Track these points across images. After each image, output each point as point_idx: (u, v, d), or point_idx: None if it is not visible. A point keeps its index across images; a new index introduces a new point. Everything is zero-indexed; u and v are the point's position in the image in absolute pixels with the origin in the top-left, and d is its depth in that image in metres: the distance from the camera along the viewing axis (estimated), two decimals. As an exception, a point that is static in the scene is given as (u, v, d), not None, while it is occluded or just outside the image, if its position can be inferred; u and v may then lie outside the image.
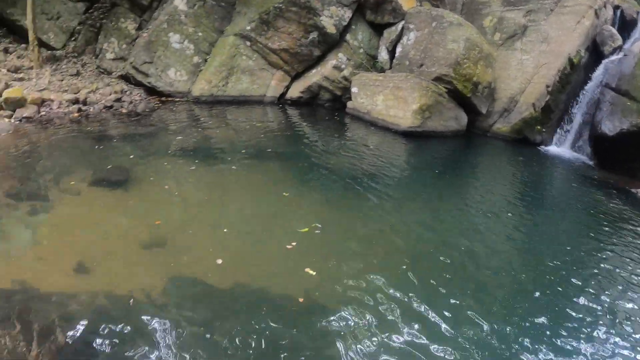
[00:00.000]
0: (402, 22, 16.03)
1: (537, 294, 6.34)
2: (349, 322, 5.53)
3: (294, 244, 7.11)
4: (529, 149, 14.04)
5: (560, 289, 6.55)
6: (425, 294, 6.08)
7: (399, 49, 15.79)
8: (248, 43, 15.52)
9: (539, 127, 14.58)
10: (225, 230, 7.42)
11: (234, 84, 15.46)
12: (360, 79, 15.25)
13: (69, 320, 5.25)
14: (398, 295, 6.00)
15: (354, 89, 15.30)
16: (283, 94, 16.36)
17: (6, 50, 14.72)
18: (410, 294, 6.03)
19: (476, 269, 6.81)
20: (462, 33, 14.29)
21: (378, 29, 16.73)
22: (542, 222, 9.01)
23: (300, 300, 5.89)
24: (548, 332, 5.61)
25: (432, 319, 5.59)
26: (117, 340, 5.01)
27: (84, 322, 5.22)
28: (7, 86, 12.51)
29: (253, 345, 5.10)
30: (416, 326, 5.45)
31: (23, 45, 14.91)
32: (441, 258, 7.00)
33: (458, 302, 5.93)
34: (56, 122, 12.12)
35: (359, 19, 16.47)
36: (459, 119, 14.58)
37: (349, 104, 15.53)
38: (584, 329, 5.79)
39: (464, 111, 14.75)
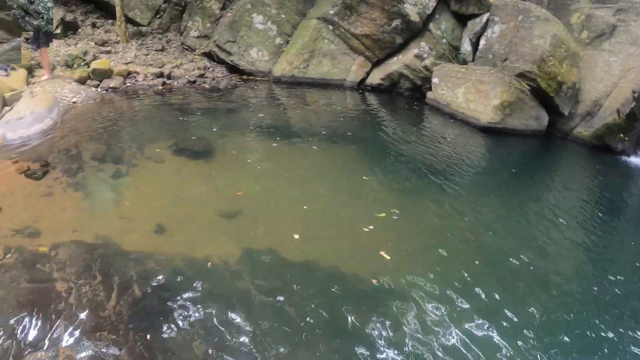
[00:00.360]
0: (487, 14, 15.56)
1: (602, 324, 5.87)
2: (415, 310, 5.54)
3: (371, 227, 7.17)
4: (609, 158, 13.37)
5: (628, 320, 6.09)
6: (488, 299, 5.97)
7: (482, 42, 15.41)
8: (330, 27, 15.52)
9: (622, 135, 13.89)
10: (304, 207, 7.55)
11: (314, 66, 15.55)
12: (442, 69, 14.98)
13: (147, 278, 5.48)
14: (462, 293, 5.94)
15: (434, 80, 15.05)
16: (363, 80, 16.30)
17: (94, 25, 15.32)
18: (474, 295, 5.97)
19: (542, 283, 6.56)
20: (549, 29, 13.81)
21: (462, 19, 16.36)
22: (617, 239, 8.56)
23: (374, 281, 5.93)
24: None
25: (489, 325, 5.50)
26: (190, 301, 5.22)
27: (161, 281, 5.46)
28: (94, 58, 13.00)
29: (320, 319, 5.19)
30: (473, 328, 5.40)
31: (110, 21, 15.55)
32: (508, 262, 6.85)
33: (518, 313, 5.77)
34: (141, 93, 12.50)
35: (443, 8, 16.19)
36: (540, 118, 14.13)
37: (429, 95, 15.30)
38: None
39: (546, 111, 14.27)
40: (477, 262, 6.66)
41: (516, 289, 6.26)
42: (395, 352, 4.88)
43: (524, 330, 5.46)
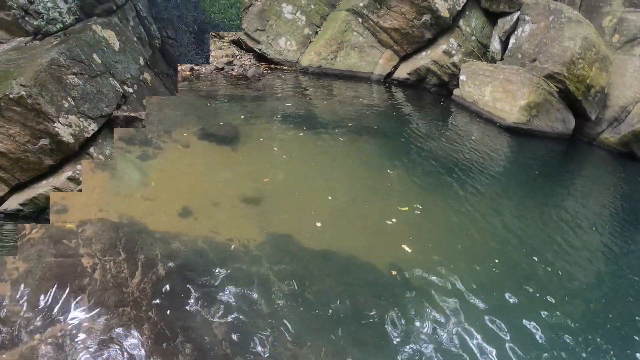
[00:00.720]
0: (518, 13, 15.32)
1: (615, 327, 5.95)
2: (431, 304, 5.64)
3: (394, 220, 7.24)
4: (633, 165, 13.13)
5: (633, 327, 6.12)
6: (504, 298, 6.02)
7: (512, 41, 15.23)
8: (360, 19, 15.49)
9: (648, 144, 13.70)
10: (328, 197, 7.63)
11: (342, 58, 15.51)
12: (470, 67, 14.89)
13: (171, 257, 5.60)
14: (479, 291, 6.00)
15: (462, 77, 14.97)
16: (390, 74, 16.17)
17: (122, 8, 15.40)
18: (490, 293, 6.03)
19: (558, 285, 6.58)
20: (580, 31, 13.61)
21: (492, 17, 16.17)
22: (635, 249, 8.47)
23: (393, 273, 5.98)
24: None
25: (502, 324, 5.54)
26: (211, 282, 5.35)
27: (184, 261, 5.59)
28: (124, 40, 13.08)
29: (337, 307, 5.29)
30: (486, 326, 5.45)
31: (138, 6, 15.59)
32: (525, 263, 6.87)
33: (532, 315, 5.80)
34: (168, 78, 12.58)
35: (473, 5, 15.99)
36: (567, 122, 13.96)
37: (456, 92, 15.20)
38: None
39: (573, 115, 14.08)
40: (496, 261, 6.69)
41: (531, 290, 6.27)
42: (408, 343, 4.95)
43: (536, 332, 5.50)
